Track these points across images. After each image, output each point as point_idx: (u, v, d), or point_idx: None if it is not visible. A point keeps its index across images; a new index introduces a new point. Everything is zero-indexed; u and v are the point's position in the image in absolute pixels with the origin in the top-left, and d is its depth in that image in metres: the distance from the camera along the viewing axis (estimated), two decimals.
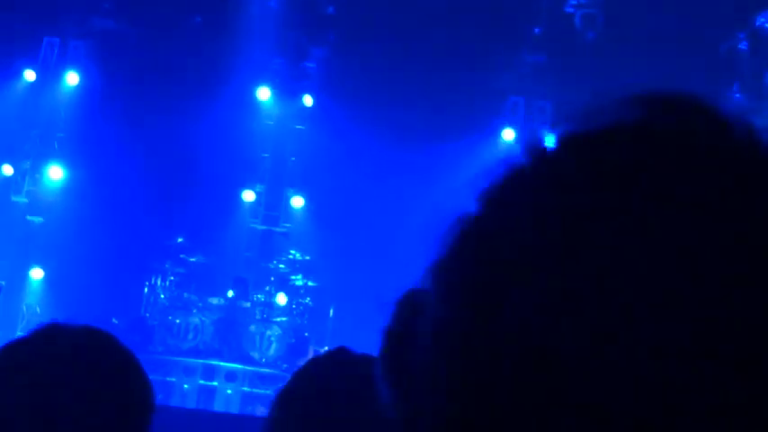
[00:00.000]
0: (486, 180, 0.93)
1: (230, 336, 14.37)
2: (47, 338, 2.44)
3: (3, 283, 12.53)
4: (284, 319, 14.60)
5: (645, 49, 15.65)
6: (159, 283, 14.78)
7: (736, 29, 15.94)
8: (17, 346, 2.48)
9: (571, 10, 16.26)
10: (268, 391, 14.01)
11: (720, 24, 15.65)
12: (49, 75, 16.31)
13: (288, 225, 16.36)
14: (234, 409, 13.92)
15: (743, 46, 15.99)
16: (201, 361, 14.12)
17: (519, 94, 16.84)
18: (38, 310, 15.45)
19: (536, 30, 16.37)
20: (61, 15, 16.07)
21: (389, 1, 15.78)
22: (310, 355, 14.21)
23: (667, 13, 15.35)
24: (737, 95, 15.98)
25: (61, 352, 2.44)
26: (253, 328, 14.33)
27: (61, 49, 16.41)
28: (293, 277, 14.86)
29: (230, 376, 14.08)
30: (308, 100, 16.75)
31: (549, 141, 0.90)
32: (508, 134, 16.89)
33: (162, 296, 14.67)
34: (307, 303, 14.86)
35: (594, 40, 16.11)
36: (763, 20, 15.64)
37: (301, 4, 16.28)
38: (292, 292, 14.83)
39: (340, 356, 2.90)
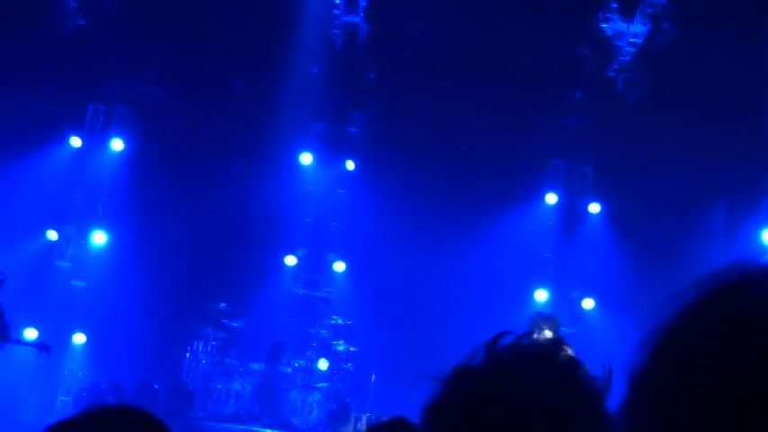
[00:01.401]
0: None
1: (271, 401, 14.28)
2: (94, 421, 2.44)
3: (51, 349, 12.58)
4: (325, 384, 14.50)
5: (686, 112, 15.60)
6: (201, 348, 14.76)
7: None
8: (65, 427, 2.47)
9: (613, 74, 16.26)
10: None
11: (762, 86, 15.57)
12: (95, 141, 16.52)
13: (329, 290, 16.33)
14: None
15: None
16: (242, 427, 14.02)
17: (561, 158, 16.81)
18: (80, 374, 15.48)
19: (578, 94, 16.37)
20: (106, 83, 16.30)
21: (430, 66, 15.86)
22: (352, 421, 14.09)
23: (709, 77, 15.31)
24: None
25: None
26: (294, 393, 14.24)
27: (106, 115, 16.62)
28: (334, 342, 14.78)
29: None
30: (350, 165, 16.81)
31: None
32: (551, 198, 16.83)
33: (203, 361, 14.64)
34: (348, 369, 14.77)
35: (636, 104, 16.08)
36: None
37: (343, 70, 16.41)
38: (334, 357, 14.74)
39: (399, 427, 2.89)
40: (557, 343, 1.76)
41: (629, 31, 15.93)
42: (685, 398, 0.87)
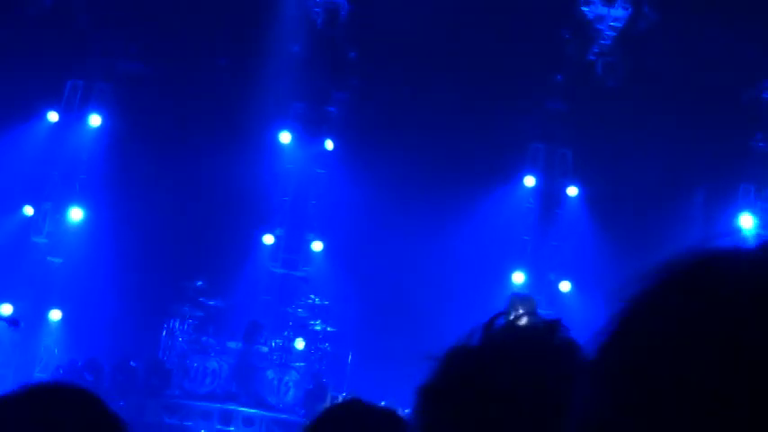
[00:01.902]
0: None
1: (247, 380, 14.28)
2: (28, 399, 2.40)
3: (21, 323, 12.51)
4: (302, 364, 14.53)
5: (666, 98, 15.63)
6: (177, 326, 14.74)
7: (758, 78, 15.89)
8: None
9: (593, 58, 16.27)
10: None
11: (742, 73, 15.61)
12: (72, 117, 16.41)
13: (307, 269, 16.33)
14: None
15: (766, 95, 15.93)
16: (219, 405, 14.03)
17: (540, 141, 16.83)
18: (56, 351, 15.43)
19: (558, 77, 16.38)
20: (85, 58, 16.19)
21: (412, 47, 15.81)
22: (328, 401, 14.11)
23: (689, 62, 15.33)
24: (761, 144, 15.91)
25: (35, 415, 2.39)
26: (270, 373, 14.24)
27: (85, 91, 16.51)
28: (312, 322, 14.79)
29: (247, 421, 13.98)
30: (329, 144, 16.78)
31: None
32: (529, 181, 16.86)
33: (180, 339, 14.63)
34: (325, 348, 14.78)
35: (615, 88, 16.10)
36: None
37: (324, 49, 16.35)
38: (311, 337, 14.76)
39: (355, 407, 2.88)
40: (554, 324, 1.76)
41: (609, 15, 15.94)
42: (637, 385, 0.86)
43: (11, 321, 12.85)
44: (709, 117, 15.42)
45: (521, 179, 16.83)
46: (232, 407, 14.06)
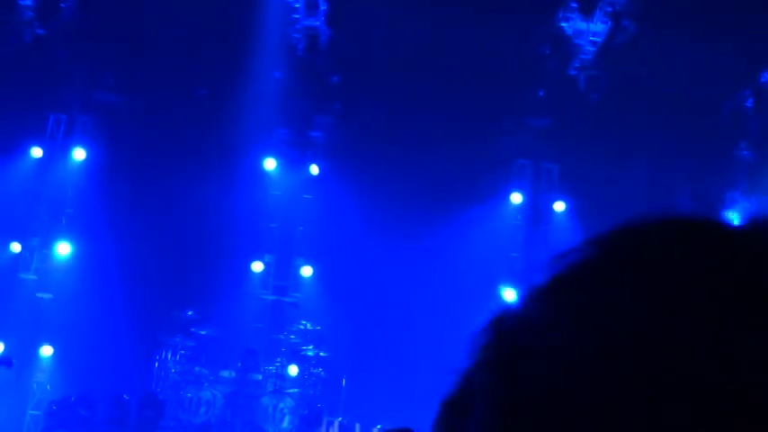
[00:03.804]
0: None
1: (242, 409, 14.22)
2: None
3: (14, 361, 12.46)
4: (296, 390, 14.47)
5: (648, 110, 15.70)
6: (170, 357, 14.67)
7: (740, 87, 15.98)
8: None
9: (575, 72, 16.34)
10: None
11: (724, 84, 15.69)
12: (56, 151, 16.39)
13: (297, 295, 16.31)
14: None
15: (748, 104, 16.01)
16: None
17: (526, 157, 16.86)
18: (48, 387, 15.34)
19: (540, 93, 16.43)
20: (65, 91, 16.17)
21: (393, 69, 15.85)
22: (324, 426, 14.06)
23: (671, 73, 15.40)
24: (745, 153, 15.98)
25: None
26: (265, 400, 14.19)
27: (67, 125, 16.49)
28: (304, 348, 14.74)
29: None
30: (314, 169, 16.78)
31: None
32: (516, 197, 16.88)
33: (173, 370, 14.55)
34: (319, 374, 14.73)
35: (599, 102, 16.15)
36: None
37: (305, 74, 16.37)
38: (304, 362, 14.71)
39: None
40: None
41: (588, 30, 16.01)
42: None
43: (3, 361, 12.78)
44: (692, 127, 15.49)
45: (507, 196, 16.86)
46: None
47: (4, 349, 14.17)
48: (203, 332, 14.75)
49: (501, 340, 0.90)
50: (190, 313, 14.77)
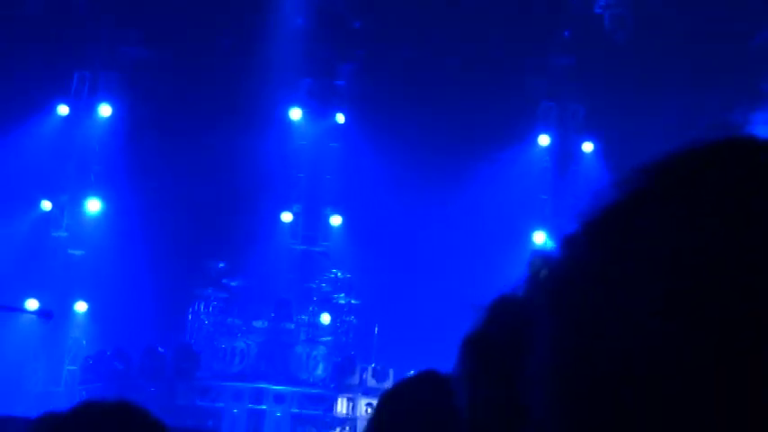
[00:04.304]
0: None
1: (276, 358, 14.33)
2: (80, 418, 2.42)
3: (53, 313, 12.58)
4: (329, 338, 14.55)
5: (675, 48, 15.50)
6: (202, 308, 14.78)
7: (765, 22, 15.74)
8: (52, 422, 2.45)
9: (600, 11, 16.14)
10: (318, 412, 13.97)
11: (750, 19, 15.46)
12: (82, 108, 16.43)
13: (327, 244, 16.35)
14: (285, 431, 13.89)
15: None
16: (249, 385, 14.08)
17: (551, 99, 16.73)
18: (84, 342, 15.51)
19: (565, 33, 16.26)
20: (90, 47, 16.16)
21: (416, 13, 15.72)
22: (357, 373, 14.15)
23: (696, 10, 15.19)
24: None
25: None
26: (298, 349, 14.28)
27: (92, 81, 16.50)
28: (336, 296, 14.80)
29: (279, 398, 14.03)
30: (340, 117, 16.74)
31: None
32: (543, 140, 16.78)
33: (206, 322, 14.67)
34: (351, 321, 14.80)
35: (624, 41, 15.97)
36: None
37: (328, 21, 16.26)
38: (336, 310, 14.78)
39: (431, 377, 2.90)
40: None
41: None
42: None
43: (44, 313, 12.93)
44: (718, 64, 15.29)
45: (535, 138, 16.77)
46: (263, 385, 14.10)
47: (40, 306, 14.31)
48: (234, 283, 14.83)
49: (560, 283, 0.86)
50: (221, 265, 14.84)
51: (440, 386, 2.73)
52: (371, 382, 13.99)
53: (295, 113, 16.61)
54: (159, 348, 14.34)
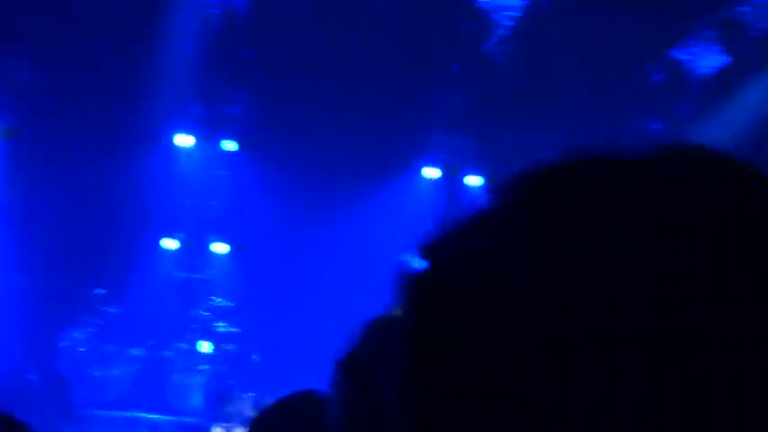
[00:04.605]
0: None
1: (153, 387, 14.09)
2: None
3: None
4: (208, 367, 14.37)
5: (564, 85, 15.76)
6: (77, 335, 14.47)
7: (652, 60, 16.12)
8: None
9: (490, 48, 16.35)
10: None
11: (638, 56, 15.82)
12: None
13: (210, 272, 16.16)
14: None
15: (660, 77, 16.17)
16: (123, 414, 13.82)
17: (440, 132, 16.84)
18: None
19: (456, 68, 16.42)
20: None
21: (309, 42, 15.73)
22: (236, 402, 13.97)
23: (585, 48, 15.49)
24: (655, 126, 16.13)
25: None
26: (176, 377, 14.07)
27: None
28: (216, 324, 14.63)
29: (153, 428, 13.80)
30: (229, 145, 16.60)
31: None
32: (430, 172, 16.89)
33: (81, 349, 14.36)
34: (230, 350, 14.64)
35: (514, 76, 16.18)
36: (678, 51, 15.86)
37: (221, 48, 16.17)
38: (216, 339, 14.61)
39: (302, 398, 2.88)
40: None
41: (505, 5, 16.02)
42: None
43: None
44: (606, 100, 15.59)
45: (422, 170, 16.86)
46: (137, 414, 13.85)
47: None
48: (113, 310, 14.58)
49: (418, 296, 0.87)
50: (99, 291, 14.58)
51: (312, 406, 2.72)
52: (250, 412, 13.81)
53: (182, 139, 16.43)
54: (28, 376, 13.99)
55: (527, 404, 0.75)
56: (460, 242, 0.85)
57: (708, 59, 15.67)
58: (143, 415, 13.84)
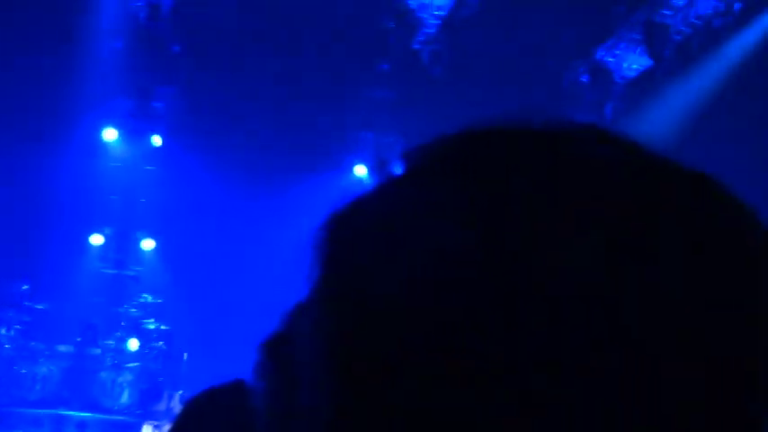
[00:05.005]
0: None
1: (80, 384, 13.92)
2: None
3: None
4: (136, 364, 14.24)
5: (491, 84, 15.93)
6: (3, 332, 14.23)
7: (577, 61, 16.38)
8: None
9: (418, 46, 16.44)
10: None
11: (562, 57, 16.06)
12: None
13: (138, 268, 16.02)
14: None
15: (584, 78, 16.43)
16: (50, 412, 13.62)
17: (369, 130, 16.92)
18: None
19: (384, 66, 16.49)
20: None
21: (236, 38, 15.68)
22: (165, 400, 13.89)
23: (510, 48, 15.68)
24: None
25: None
26: (104, 375, 13.92)
27: None
28: (145, 321, 14.51)
29: (81, 426, 13.62)
30: (156, 140, 16.47)
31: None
32: (360, 170, 16.95)
33: (6, 346, 14.12)
34: (160, 347, 14.53)
35: (442, 76, 16.31)
36: (602, 53, 16.12)
37: (147, 44, 16.02)
38: (144, 336, 14.48)
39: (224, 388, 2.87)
40: None
41: (432, 4, 16.12)
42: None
43: None
44: (531, 100, 15.80)
45: (351, 168, 16.91)
46: (64, 412, 13.67)
47: None
48: (39, 306, 14.37)
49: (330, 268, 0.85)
50: (24, 287, 14.35)
51: (237, 394, 2.72)
52: (179, 410, 13.72)
53: (110, 134, 16.26)
54: None
55: (440, 376, 0.73)
56: (371, 209, 0.85)
57: (631, 61, 15.98)
58: (71, 413, 13.66)
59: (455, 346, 0.73)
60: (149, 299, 14.71)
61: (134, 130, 16.36)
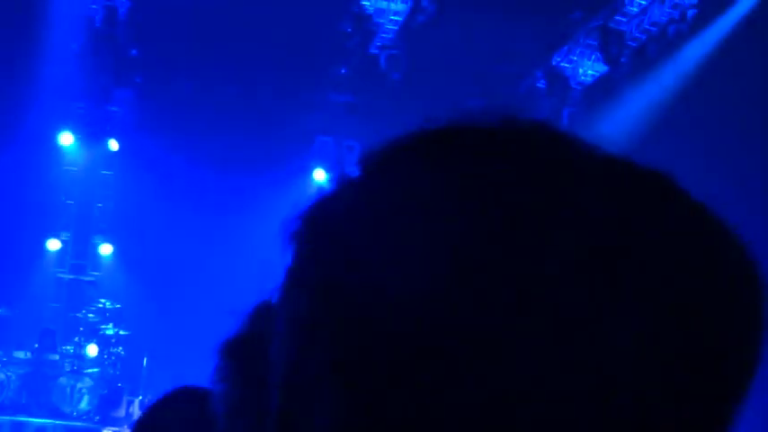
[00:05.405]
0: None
1: (39, 390, 13.79)
2: None
3: None
4: (95, 370, 14.14)
5: (448, 89, 16.01)
6: None
7: (533, 67, 16.51)
8: None
9: (376, 51, 16.49)
10: None
11: (519, 63, 16.18)
12: None
13: (96, 273, 15.91)
14: None
15: (541, 84, 16.57)
16: (8, 418, 13.47)
17: (328, 134, 16.94)
18: None
19: (342, 70, 16.52)
20: None
21: (194, 43, 15.62)
22: (124, 405, 13.81)
23: (469, 52, 15.77)
24: None
25: None
26: (63, 380, 13.81)
27: None
28: (104, 327, 14.42)
29: None
30: (113, 144, 16.37)
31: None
32: (319, 174, 16.96)
33: None
34: (119, 353, 14.44)
35: (400, 81, 16.37)
36: (558, 59, 16.27)
37: (104, 48, 15.92)
38: (103, 342, 14.39)
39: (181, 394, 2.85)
40: None
41: (389, 9, 16.17)
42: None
43: None
44: (490, 106, 15.87)
45: (310, 173, 16.92)
46: (22, 418, 13.53)
47: None
48: None
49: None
50: None
51: (195, 399, 2.72)
52: (138, 416, 13.65)
53: (66, 138, 16.13)
54: None
55: (399, 373, 0.73)
56: (343, 206, 0.83)
57: (587, 67, 16.15)
58: (29, 419, 13.54)
59: (451, 346, 0.72)
60: (108, 304, 14.62)
61: (90, 135, 16.25)
